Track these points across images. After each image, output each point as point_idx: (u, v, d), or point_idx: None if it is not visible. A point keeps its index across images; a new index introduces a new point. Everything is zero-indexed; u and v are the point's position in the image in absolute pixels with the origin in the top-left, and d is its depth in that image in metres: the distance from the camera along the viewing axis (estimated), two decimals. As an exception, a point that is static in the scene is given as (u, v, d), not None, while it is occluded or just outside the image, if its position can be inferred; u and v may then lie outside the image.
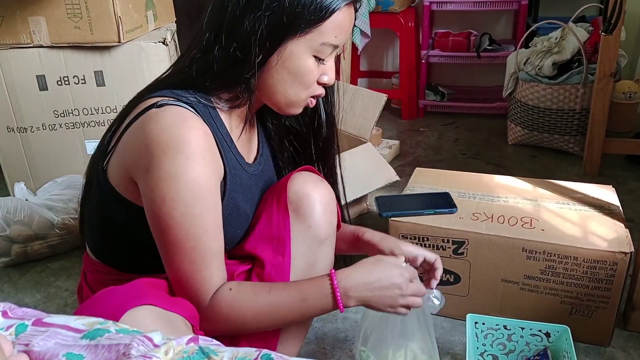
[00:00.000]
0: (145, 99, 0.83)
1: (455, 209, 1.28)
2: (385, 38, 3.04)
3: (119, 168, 0.84)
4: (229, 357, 0.45)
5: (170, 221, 0.77)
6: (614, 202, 1.30)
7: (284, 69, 0.83)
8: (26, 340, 0.47)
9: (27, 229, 1.58)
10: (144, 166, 0.77)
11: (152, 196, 0.78)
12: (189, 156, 0.76)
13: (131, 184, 0.82)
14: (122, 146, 0.83)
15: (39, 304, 1.43)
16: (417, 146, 2.47)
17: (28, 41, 1.61)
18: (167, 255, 0.81)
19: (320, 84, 0.89)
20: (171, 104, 0.80)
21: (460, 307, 1.27)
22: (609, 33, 1.70)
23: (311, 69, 0.85)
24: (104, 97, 1.70)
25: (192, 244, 0.79)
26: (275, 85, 0.85)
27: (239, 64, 0.81)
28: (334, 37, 0.83)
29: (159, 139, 0.76)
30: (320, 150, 1.04)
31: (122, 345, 0.45)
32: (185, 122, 0.78)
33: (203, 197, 0.79)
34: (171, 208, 0.77)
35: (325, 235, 0.95)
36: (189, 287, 0.81)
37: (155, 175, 0.76)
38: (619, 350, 1.19)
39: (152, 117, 0.78)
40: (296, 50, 0.82)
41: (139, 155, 0.78)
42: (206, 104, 0.84)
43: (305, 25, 0.80)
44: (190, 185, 0.77)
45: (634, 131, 2.34)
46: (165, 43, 1.69)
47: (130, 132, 0.82)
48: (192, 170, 0.76)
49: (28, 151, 1.73)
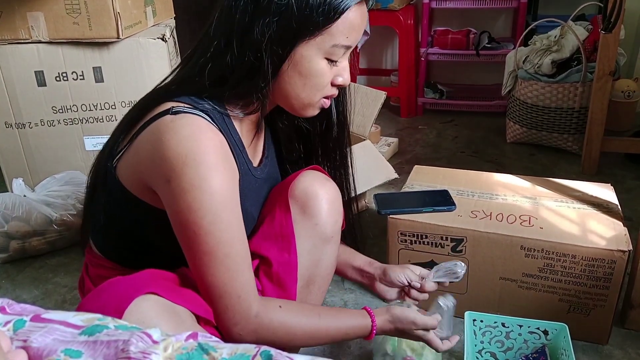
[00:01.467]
0: (161, 102, 0.82)
1: (454, 207, 1.27)
2: (385, 35, 3.04)
3: (132, 171, 0.83)
4: (228, 353, 0.45)
5: (199, 230, 0.77)
6: (612, 201, 1.31)
7: (296, 73, 0.82)
8: (24, 336, 0.47)
9: (25, 225, 1.58)
10: (164, 177, 0.77)
11: (176, 208, 0.77)
12: (209, 167, 0.75)
13: (145, 187, 0.82)
14: (135, 149, 0.82)
15: (36, 300, 1.43)
16: (416, 144, 2.47)
17: (26, 37, 1.60)
18: (200, 265, 0.80)
19: (334, 85, 0.87)
20: (187, 111, 0.79)
21: (459, 304, 1.26)
22: (609, 31, 1.70)
23: (323, 72, 0.83)
24: (103, 94, 1.69)
25: (225, 251, 0.78)
26: (287, 89, 0.84)
27: (253, 73, 0.80)
28: (345, 37, 0.80)
29: (177, 150, 0.75)
30: (330, 150, 1.04)
31: (121, 341, 0.45)
32: (202, 133, 0.77)
33: (228, 206, 0.79)
34: (199, 217, 0.76)
35: (331, 233, 0.95)
36: (228, 294, 0.80)
37: (177, 186, 0.76)
38: (617, 349, 1.20)
39: (169, 126, 0.77)
40: (307, 54, 0.80)
41: (156, 165, 0.77)
42: (221, 112, 0.83)
43: (314, 28, 0.78)
44: (215, 196, 0.76)
45: (632, 130, 2.34)
46: (164, 39, 1.69)
47: (144, 138, 0.81)
48: (214, 181, 0.76)
49: (26, 147, 1.72)
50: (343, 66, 0.86)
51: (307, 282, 0.96)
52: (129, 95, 1.70)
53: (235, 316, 0.82)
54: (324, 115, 0.97)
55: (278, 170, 1.04)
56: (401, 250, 1.29)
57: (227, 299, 0.80)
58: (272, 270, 0.92)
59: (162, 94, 0.84)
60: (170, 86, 0.87)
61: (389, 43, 3.11)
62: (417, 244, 1.26)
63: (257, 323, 0.83)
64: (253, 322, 0.82)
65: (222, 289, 0.80)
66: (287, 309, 0.87)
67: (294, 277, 0.93)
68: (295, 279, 0.93)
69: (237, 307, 0.81)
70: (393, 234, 1.28)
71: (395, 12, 2.63)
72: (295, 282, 0.93)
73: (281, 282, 0.92)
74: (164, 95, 0.83)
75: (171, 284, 0.80)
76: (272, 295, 0.92)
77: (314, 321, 0.88)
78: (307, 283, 0.96)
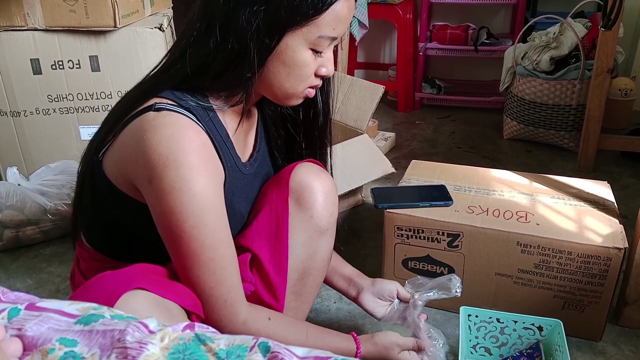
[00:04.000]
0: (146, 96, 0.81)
1: (450, 202, 1.28)
2: (383, 29, 3.03)
3: (117, 166, 0.82)
4: (225, 344, 0.45)
5: (182, 234, 0.76)
6: (609, 198, 1.31)
7: (279, 62, 0.81)
8: (19, 324, 0.47)
9: (19, 214, 1.57)
10: (145, 176, 0.76)
11: (158, 209, 0.76)
12: (191, 169, 0.74)
13: (130, 184, 0.81)
14: (119, 144, 0.81)
15: (30, 290, 1.42)
16: (413, 139, 2.47)
17: (22, 24, 1.58)
18: (185, 268, 0.79)
19: (318, 76, 0.86)
20: (170, 109, 0.77)
21: (454, 299, 1.26)
22: (608, 28, 1.70)
23: (307, 62, 0.82)
24: (99, 83, 1.68)
25: (209, 255, 0.78)
26: (271, 78, 0.83)
27: (237, 62, 0.79)
28: (332, 29, 0.80)
29: (158, 150, 0.74)
30: (314, 139, 1.03)
31: (117, 331, 0.45)
32: (184, 132, 0.75)
33: (212, 208, 0.77)
34: (180, 221, 0.75)
35: (327, 225, 0.95)
36: (215, 298, 0.80)
37: (158, 188, 0.75)
38: (610, 345, 1.20)
39: (151, 124, 0.76)
40: (292, 44, 0.79)
41: (138, 164, 0.76)
42: (205, 107, 0.82)
43: (301, 18, 0.77)
44: (197, 199, 0.75)
45: (628, 128, 2.35)
46: (161, 29, 1.67)
47: (127, 134, 0.79)
48: (196, 183, 0.75)
49: (21, 136, 1.71)
50: (327, 57, 0.85)
51: (302, 274, 0.96)
52: (125, 84, 1.69)
53: (222, 320, 0.81)
54: (309, 104, 0.97)
55: (270, 165, 1.03)
56: (397, 244, 1.29)
57: (213, 302, 0.80)
58: (263, 270, 0.92)
59: (148, 87, 0.83)
60: (155, 76, 0.85)
61: (388, 37, 3.10)
62: (414, 239, 1.26)
63: (244, 331, 0.82)
64: (240, 328, 0.82)
65: (208, 293, 0.79)
66: (276, 322, 0.87)
67: (283, 279, 0.93)
68: (284, 281, 0.93)
69: (224, 312, 0.81)
70: (389, 229, 1.28)
71: (394, 6, 2.62)
72: (284, 285, 0.93)
73: (271, 283, 0.92)
74: (149, 89, 0.82)
75: (161, 278, 0.79)
76: (262, 295, 0.92)
77: (301, 339, 0.88)
78: (302, 275, 0.96)
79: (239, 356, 0.43)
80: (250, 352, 0.44)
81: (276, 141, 1.04)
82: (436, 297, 1.04)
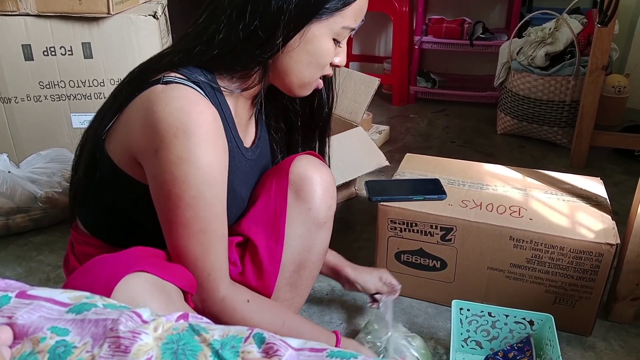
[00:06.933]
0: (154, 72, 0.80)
1: (444, 196, 1.28)
2: (379, 22, 3.02)
3: (121, 143, 0.81)
4: (219, 335, 0.44)
5: (180, 202, 0.76)
6: (601, 194, 1.31)
7: (304, 51, 0.83)
8: (9, 312, 0.46)
9: (9, 201, 1.55)
10: (152, 148, 0.75)
11: (161, 178, 0.76)
12: (199, 141, 0.74)
13: (132, 161, 0.80)
14: (125, 120, 0.80)
15: (20, 278, 1.40)
16: (407, 132, 2.46)
17: (14, 9, 1.56)
18: (175, 238, 0.79)
19: (332, 65, 0.89)
20: (179, 82, 0.77)
21: (446, 293, 1.28)
22: (605, 25, 1.70)
23: (330, 52, 0.85)
24: (91, 70, 1.66)
25: (201, 226, 0.78)
26: (292, 66, 0.84)
27: (260, 44, 0.80)
28: (353, 20, 0.83)
29: (168, 122, 0.74)
30: (315, 131, 1.04)
31: (110, 320, 0.44)
32: (195, 105, 0.75)
33: (214, 184, 0.78)
34: (182, 190, 0.75)
35: (324, 219, 0.95)
36: (199, 270, 0.80)
37: (165, 157, 0.74)
38: (600, 340, 1.21)
39: (160, 96, 0.75)
40: (319, 33, 0.82)
41: (146, 136, 0.76)
42: (213, 86, 0.82)
43: (331, 8, 0.80)
44: (203, 171, 0.75)
45: (621, 125, 2.36)
46: (155, 17, 1.65)
47: (134, 108, 0.79)
48: (205, 156, 0.75)
49: (12, 122, 1.69)
50: (343, 47, 0.88)
51: (298, 266, 0.96)
52: (118, 72, 1.67)
53: (203, 292, 0.82)
54: (313, 96, 0.98)
55: (270, 157, 1.03)
56: (390, 237, 1.29)
57: (197, 275, 0.80)
58: (258, 257, 0.92)
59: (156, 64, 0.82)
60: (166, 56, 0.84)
61: (383, 30, 3.09)
62: (407, 232, 1.26)
63: (221, 307, 0.83)
64: (218, 305, 0.83)
65: (194, 264, 0.80)
66: (254, 304, 0.86)
67: (276, 267, 0.93)
68: (276, 269, 0.93)
69: (205, 285, 0.81)
70: (383, 221, 1.27)
71: (390, -1, 2.61)
72: (276, 273, 0.93)
73: (262, 270, 0.92)
74: (158, 65, 0.81)
75: (160, 261, 0.79)
76: (250, 279, 0.92)
77: (276, 327, 0.87)
78: (298, 268, 0.96)
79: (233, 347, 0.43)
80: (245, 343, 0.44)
81: (277, 133, 1.04)
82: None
